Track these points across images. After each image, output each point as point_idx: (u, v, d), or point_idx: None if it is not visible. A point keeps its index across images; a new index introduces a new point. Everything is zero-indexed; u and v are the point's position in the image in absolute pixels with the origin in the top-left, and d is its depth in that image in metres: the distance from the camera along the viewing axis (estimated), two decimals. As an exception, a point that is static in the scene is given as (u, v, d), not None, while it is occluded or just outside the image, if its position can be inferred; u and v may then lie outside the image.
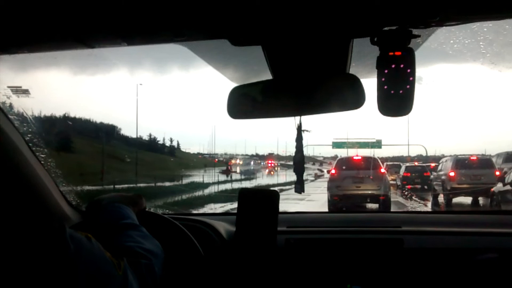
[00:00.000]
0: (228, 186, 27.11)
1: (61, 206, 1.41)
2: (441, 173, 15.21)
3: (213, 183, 29.49)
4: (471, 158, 14.58)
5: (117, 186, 17.94)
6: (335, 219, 1.82)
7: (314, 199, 15.16)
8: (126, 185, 19.38)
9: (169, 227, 1.31)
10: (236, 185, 25.99)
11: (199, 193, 20.96)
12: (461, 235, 1.45)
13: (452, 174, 13.94)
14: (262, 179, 40.24)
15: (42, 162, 1.37)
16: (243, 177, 39.87)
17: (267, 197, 1.36)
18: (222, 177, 37.56)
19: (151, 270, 0.92)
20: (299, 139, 1.19)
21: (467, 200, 13.90)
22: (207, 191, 23.01)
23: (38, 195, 1.33)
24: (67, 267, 0.66)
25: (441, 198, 14.70)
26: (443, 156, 18.09)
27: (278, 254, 1.41)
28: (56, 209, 1.39)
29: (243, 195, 1.40)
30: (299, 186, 1.27)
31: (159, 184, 24.73)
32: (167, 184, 25.69)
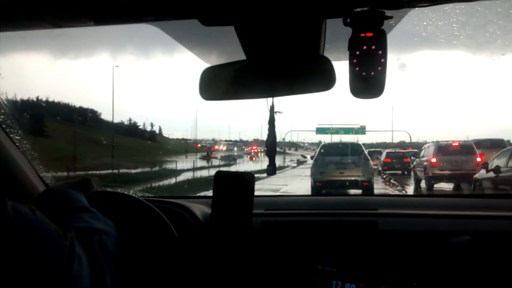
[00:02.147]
0: (204, 173, 26.35)
1: (37, 187, 1.41)
2: (423, 159, 15.49)
3: (188, 170, 28.72)
4: (453, 144, 14.85)
5: (91, 172, 17.48)
6: (314, 202, 1.86)
7: (292, 190, 14.88)
8: (97, 171, 18.85)
9: (143, 209, 1.32)
10: (213, 172, 25.63)
11: (168, 181, 20.07)
12: (437, 217, 1.49)
13: (433, 160, 14.21)
14: (242, 165, 40.28)
15: (17, 144, 1.36)
16: (222, 163, 39.71)
17: (243, 179, 1.38)
18: (203, 163, 37.37)
19: (103, 245, 0.95)
20: (271, 121, 1.20)
21: (449, 186, 14.28)
22: (179, 178, 22.13)
23: (12, 176, 1.32)
24: (8, 238, 0.67)
25: (423, 184, 15.06)
26: (426, 143, 18.58)
27: (253, 236, 1.43)
28: (32, 190, 1.38)
29: (218, 178, 1.41)
30: (271, 168, 1.30)
31: (122, 170, 23.91)
32: (133, 171, 24.78)
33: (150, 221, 1.31)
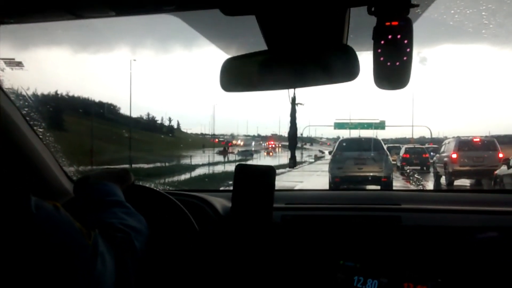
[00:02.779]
0: (218, 168, 26.10)
1: (60, 180, 1.43)
2: (443, 154, 15.20)
3: (203, 165, 28.58)
4: (474, 139, 14.57)
5: (105, 166, 17.62)
6: (334, 197, 1.84)
7: (308, 188, 14.32)
8: (110, 166, 18.94)
9: (165, 202, 1.33)
10: (229, 168, 25.24)
11: (180, 176, 19.93)
12: (461, 213, 1.46)
13: (454, 156, 13.93)
14: (259, 160, 40.25)
15: (40, 136, 1.38)
16: (238, 158, 39.73)
17: (263, 173, 1.38)
18: (219, 158, 37.48)
19: (129, 244, 0.93)
20: (293, 113, 1.19)
21: (470, 182, 14.00)
22: (193, 173, 21.99)
23: (36, 169, 1.35)
24: (31, 235, 0.66)
25: (443, 180, 14.80)
26: (446, 138, 18.29)
27: (274, 230, 1.43)
28: (55, 183, 1.41)
29: (239, 171, 1.41)
30: (293, 162, 1.30)
31: (135, 165, 23.63)
32: (146, 166, 24.51)
33: (171, 214, 1.31)
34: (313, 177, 18.71)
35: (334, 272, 1.34)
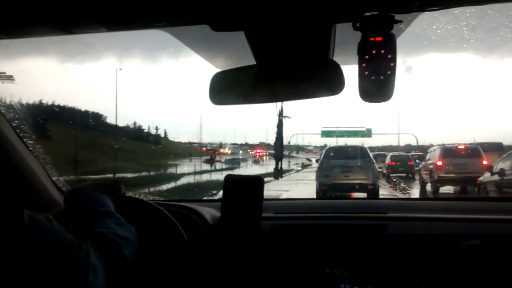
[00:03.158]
0: (205, 177, 25.83)
1: (50, 192, 1.43)
2: (429, 162, 15.37)
3: (188, 174, 28.16)
4: (459, 147, 14.76)
5: (89, 176, 17.23)
6: (323, 206, 1.86)
7: (293, 196, 14.41)
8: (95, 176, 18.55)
9: (154, 212, 1.34)
10: (216, 177, 25.04)
11: (162, 186, 19.65)
12: (446, 221, 1.49)
13: (439, 163, 14.10)
14: (246, 169, 40.14)
15: (30, 148, 1.38)
16: (224, 166, 39.54)
17: (252, 182, 1.39)
18: (206, 167, 37.26)
19: (119, 254, 0.94)
20: (279, 126, 1.21)
21: (455, 189, 14.18)
22: (179, 182, 21.63)
23: (27, 181, 1.34)
24: (24, 247, 0.67)
25: (428, 188, 14.98)
26: (431, 146, 18.66)
27: (263, 240, 1.44)
28: (46, 194, 1.40)
29: (228, 181, 1.42)
30: (277, 172, 1.32)
31: (119, 175, 22.96)
32: (129, 175, 23.87)
33: (161, 224, 1.32)
34: (299, 186, 18.69)
35: (321, 280, 1.36)
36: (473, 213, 1.53)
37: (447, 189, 14.29)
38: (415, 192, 15.57)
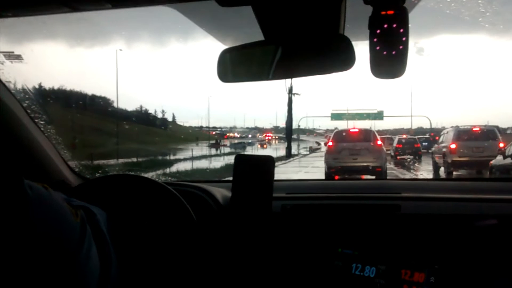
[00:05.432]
0: (203, 164, 24.91)
1: (62, 171, 1.47)
2: (442, 145, 15.21)
3: (184, 159, 27.18)
4: (474, 129, 14.50)
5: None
6: (335, 186, 1.88)
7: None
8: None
9: (162, 192, 1.36)
10: (216, 163, 24.12)
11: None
12: (461, 201, 1.49)
13: (453, 146, 13.91)
14: (251, 153, 39.39)
15: (42, 129, 1.41)
16: (226, 151, 39.23)
17: (263, 163, 1.41)
18: (210, 151, 36.85)
19: (103, 224, 0.99)
20: (290, 103, 1.23)
21: (470, 174, 14.01)
22: (171, 169, 20.82)
23: (39, 161, 1.38)
24: (26, 214, 0.70)
25: (442, 172, 14.86)
26: (444, 128, 18.61)
27: (274, 220, 1.47)
28: (56, 173, 1.44)
29: (239, 161, 1.44)
30: (288, 150, 1.33)
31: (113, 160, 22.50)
32: (120, 161, 22.92)
33: (169, 204, 1.34)
34: (300, 175, 18.19)
35: (332, 259, 1.39)
36: (488, 193, 1.53)
37: (461, 173, 14.17)
38: (423, 173, 15.96)
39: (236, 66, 1.20)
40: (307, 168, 19.58)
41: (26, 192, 0.71)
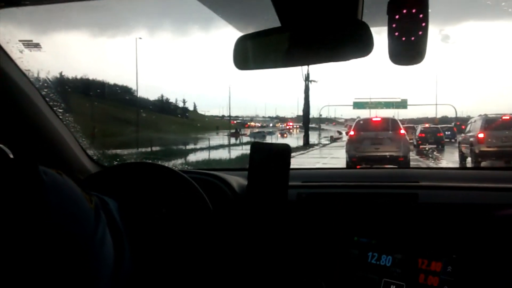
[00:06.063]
0: (220, 153, 24.30)
1: (80, 159, 1.51)
2: (469, 134, 14.77)
3: (200, 149, 26.77)
4: (503, 117, 13.97)
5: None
6: (351, 175, 1.88)
7: None
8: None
9: (178, 180, 1.39)
10: (233, 152, 24.07)
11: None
12: (480, 190, 1.48)
13: (481, 135, 13.46)
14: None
15: (60, 117, 1.45)
16: (246, 140, 39.11)
17: (279, 151, 1.42)
18: (222, 141, 36.78)
19: (116, 212, 1.00)
20: (306, 90, 1.23)
21: (499, 164, 13.62)
22: (185, 159, 20.88)
23: (58, 149, 1.42)
24: (41, 199, 0.71)
25: (468, 162, 14.50)
26: (469, 118, 18.20)
27: (289, 208, 1.48)
28: (75, 161, 1.48)
29: (255, 149, 1.45)
30: (306, 138, 1.33)
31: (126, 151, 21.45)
32: (131, 151, 22.16)
33: (185, 192, 1.37)
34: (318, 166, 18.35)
35: (348, 248, 1.39)
36: (508, 183, 1.50)
37: (489, 164, 13.79)
38: (445, 163, 15.95)
39: (252, 53, 1.20)
40: (326, 159, 19.42)
41: (42, 178, 0.73)
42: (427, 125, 26.20)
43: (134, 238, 1.02)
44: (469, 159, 14.56)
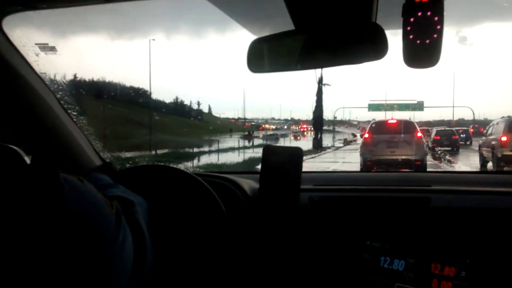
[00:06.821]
0: (230, 156, 23.92)
1: (94, 162, 1.54)
2: (490, 137, 14.08)
3: (209, 152, 26.49)
4: (529, 120, 13.16)
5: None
6: (363, 178, 1.87)
7: None
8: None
9: (192, 183, 1.40)
10: (243, 156, 23.30)
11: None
12: (493, 194, 1.46)
13: (504, 138, 12.72)
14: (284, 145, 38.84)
15: (74, 120, 1.49)
16: (255, 143, 38.87)
17: (291, 154, 1.43)
18: (231, 143, 36.71)
19: (140, 216, 1.02)
20: (319, 93, 1.23)
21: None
22: (190, 162, 20.59)
23: (72, 151, 1.45)
24: (63, 207, 0.73)
25: (490, 166, 13.93)
26: (486, 120, 17.78)
27: (301, 212, 1.48)
28: (89, 164, 1.51)
29: (267, 152, 1.46)
30: (317, 142, 1.33)
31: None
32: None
33: (199, 195, 1.38)
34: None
35: (360, 252, 1.39)
36: None
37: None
38: (460, 165, 15.71)
39: (266, 56, 1.21)
40: (337, 164, 18.50)
41: (62, 186, 0.74)
42: (442, 128, 26.07)
43: (153, 240, 1.04)
44: (490, 164, 14.14)
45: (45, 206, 0.71)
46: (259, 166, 1.52)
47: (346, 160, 18.58)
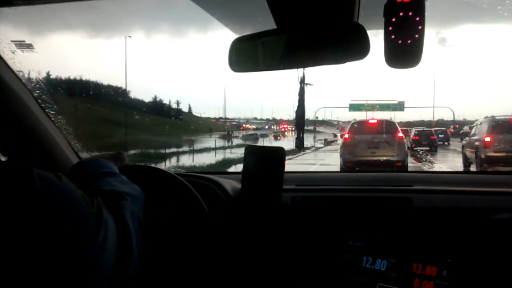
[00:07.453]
0: (203, 159, 23.71)
1: (72, 161, 1.51)
2: (474, 138, 13.74)
3: (182, 152, 26.41)
4: (512, 120, 12.90)
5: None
6: (346, 178, 1.89)
7: None
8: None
9: (174, 183, 1.39)
10: (219, 156, 23.83)
11: None
12: (474, 194, 1.50)
13: (487, 139, 12.44)
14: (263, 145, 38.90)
15: (52, 119, 1.45)
16: (232, 143, 38.84)
17: (273, 154, 1.43)
18: (218, 143, 36.71)
19: (129, 210, 0.99)
20: (301, 93, 1.23)
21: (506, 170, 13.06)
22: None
23: (49, 151, 1.42)
24: (35, 205, 0.70)
25: (473, 168, 13.44)
26: (465, 121, 18.03)
27: (284, 212, 1.49)
28: (67, 164, 1.48)
29: (248, 152, 1.46)
30: (299, 141, 1.35)
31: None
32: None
33: (181, 195, 1.37)
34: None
35: (343, 252, 1.41)
36: (502, 187, 1.53)
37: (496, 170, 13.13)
38: (440, 165, 16.24)
39: (248, 55, 1.21)
40: (314, 167, 18.16)
41: (34, 181, 0.72)
42: (421, 128, 26.74)
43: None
44: (474, 165, 13.72)
45: (15, 201, 0.69)
46: (233, 169, 1.52)
47: (325, 162, 18.46)
